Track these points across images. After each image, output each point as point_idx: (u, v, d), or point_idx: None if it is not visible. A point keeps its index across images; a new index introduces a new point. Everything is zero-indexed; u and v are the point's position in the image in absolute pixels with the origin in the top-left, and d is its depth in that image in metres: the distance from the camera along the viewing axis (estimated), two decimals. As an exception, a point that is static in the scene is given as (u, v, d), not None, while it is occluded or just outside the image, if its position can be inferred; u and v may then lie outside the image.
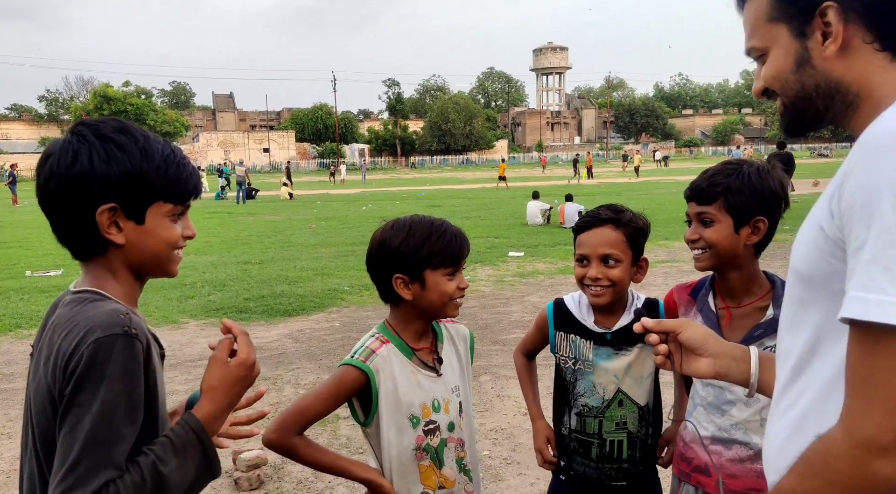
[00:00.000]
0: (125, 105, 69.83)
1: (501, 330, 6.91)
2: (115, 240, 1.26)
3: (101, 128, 1.26)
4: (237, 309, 8.07)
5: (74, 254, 1.31)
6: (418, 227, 1.79)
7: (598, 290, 2.00)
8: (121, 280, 1.30)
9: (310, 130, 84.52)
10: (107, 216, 1.24)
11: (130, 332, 1.16)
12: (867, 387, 0.86)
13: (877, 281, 0.84)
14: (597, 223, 2.03)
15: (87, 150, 1.23)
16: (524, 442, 4.32)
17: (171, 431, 1.24)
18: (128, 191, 1.25)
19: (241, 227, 17.69)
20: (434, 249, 1.75)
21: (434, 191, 32.38)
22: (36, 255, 12.76)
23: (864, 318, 0.84)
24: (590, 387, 2.05)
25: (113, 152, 1.24)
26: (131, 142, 1.26)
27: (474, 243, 13.98)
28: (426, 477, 1.80)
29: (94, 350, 1.13)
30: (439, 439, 1.82)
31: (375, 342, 1.82)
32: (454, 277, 1.79)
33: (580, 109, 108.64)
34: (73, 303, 1.24)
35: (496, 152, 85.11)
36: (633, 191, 27.43)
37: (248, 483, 3.78)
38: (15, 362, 6.28)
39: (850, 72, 1.01)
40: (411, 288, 1.78)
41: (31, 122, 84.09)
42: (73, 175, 1.22)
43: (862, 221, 0.86)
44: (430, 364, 1.85)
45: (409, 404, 1.78)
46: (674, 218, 15.90)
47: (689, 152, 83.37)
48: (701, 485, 1.96)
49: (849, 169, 0.91)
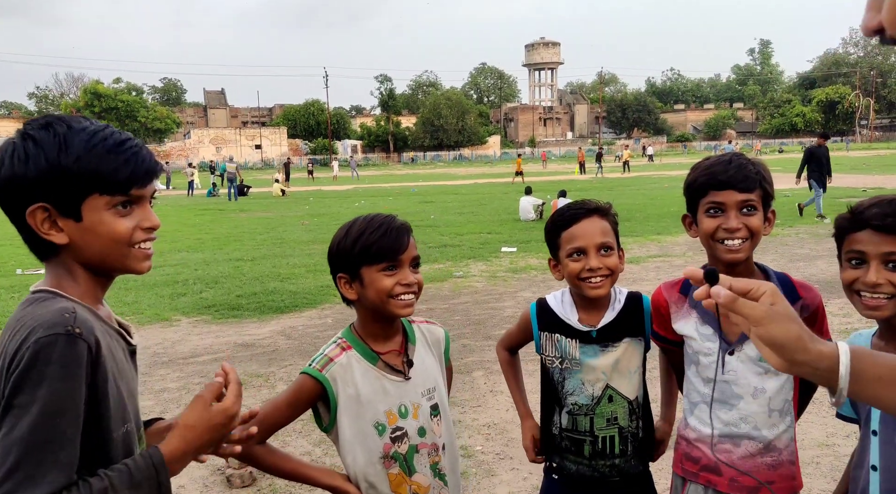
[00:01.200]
0: (116, 102, 69.56)
1: (494, 326, 6.91)
2: (55, 240, 1.21)
3: (27, 126, 1.23)
4: (229, 307, 8.05)
5: (36, 256, 1.28)
6: (357, 224, 1.74)
7: (599, 281, 1.97)
8: (78, 279, 1.26)
9: (302, 126, 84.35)
10: (39, 216, 1.19)
11: (73, 332, 1.12)
12: None
13: None
14: (584, 214, 2.01)
15: (11, 151, 1.19)
16: (517, 437, 4.31)
17: (133, 461, 1.18)
18: (52, 188, 1.18)
19: (233, 224, 17.63)
20: (367, 244, 1.69)
21: (427, 186, 32.36)
22: (27, 253, 12.52)
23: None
24: (578, 385, 2.04)
25: (30, 150, 1.18)
26: (49, 136, 1.19)
27: (467, 239, 13.87)
28: (396, 485, 1.74)
29: (34, 350, 1.09)
30: (408, 446, 1.75)
31: (335, 349, 1.77)
32: (393, 273, 1.70)
33: (572, 105, 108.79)
34: (26, 304, 1.22)
35: (489, 148, 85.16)
36: (625, 187, 27.48)
37: (241, 480, 3.78)
38: (6, 360, 6.24)
39: None
40: (353, 287, 1.74)
41: (21, 119, 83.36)
42: (2, 179, 1.20)
43: None
44: (397, 368, 1.78)
45: (373, 411, 1.72)
46: (665, 213, 15.93)
47: (682, 147, 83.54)
48: (711, 484, 1.92)
49: None
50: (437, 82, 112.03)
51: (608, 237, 1.99)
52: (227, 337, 6.91)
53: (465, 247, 12.18)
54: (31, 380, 1.08)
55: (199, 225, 16.90)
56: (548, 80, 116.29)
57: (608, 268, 1.97)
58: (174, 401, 5.14)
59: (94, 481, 1.12)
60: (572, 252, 1.99)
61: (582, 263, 1.98)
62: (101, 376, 1.17)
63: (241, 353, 6.31)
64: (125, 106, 69.44)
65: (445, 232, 14.40)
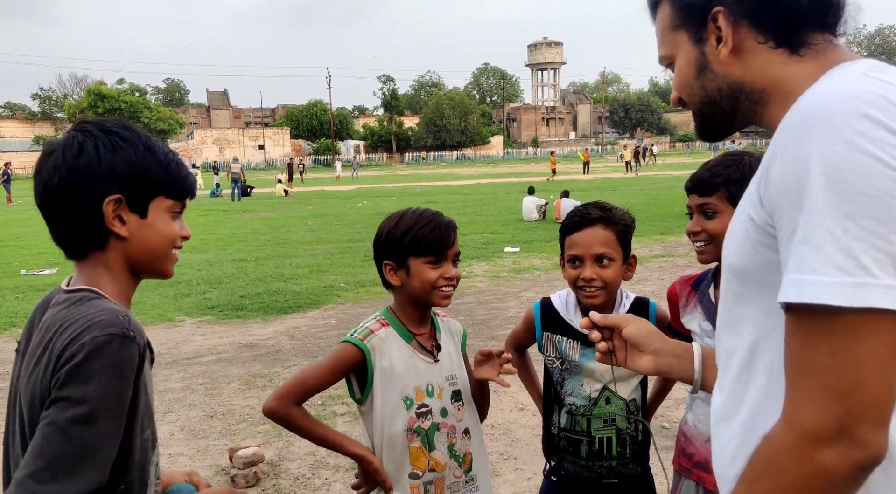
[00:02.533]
0: (119, 102, 69.60)
1: (497, 326, 6.91)
2: (119, 232, 1.26)
3: (104, 123, 1.29)
4: (233, 307, 8.07)
5: (70, 253, 1.29)
6: (407, 217, 1.87)
7: (593, 291, 1.98)
8: (117, 277, 1.29)
9: (305, 127, 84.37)
10: (112, 207, 1.24)
11: (129, 334, 1.15)
12: (806, 375, 0.82)
13: (808, 262, 0.81)
14: (587, 223, 1.99)
15: (93, 142, 1.24)
16: (520, 438, 4.33)
17: None
18: (132, 182, 1.26)
19: (236, 225, 17.66)
20: (417, 237, 1.82)
21: (430, 187, 32.36)
22: (31, 254, 12.73)
23: (797, 300, 0.81)
24: (577, 387, 2.05)
25: (118, 143, 1.26)
26: (134, 136, 1.29)
27: (470, 239, 13.89)
28: (416, 458, 1.85)
29: (90, 348, 1.11)
30: (430, 422, 1.87)
31: (376, 323, 1.89)
32: (438, 266, 1.83)
33: (575, 105, 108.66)
34: (68, 303, 1.23)
35: (491, 148, 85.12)
36: (628, 186, 27.46)
37: (245, 480, 3.78)
38: (9, 361, 6.24)
39: (750, 71, 1.01)
40: (398, 274, 1.87)
41: (25, 120, 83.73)
42: (80, 165, 1.23)
43: (793, 203, 0.83)
44: (428, 349, 1.91)
45: (403, 385, 1.84)
46: (669, 212, 15.93)
47: (685, 147, 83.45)
48: (702, 481, 1.94)
49: (774, 151, 0.89)
50: (439, 82, 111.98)
51: (607, 248, 1.97)
52: (231, 337, 6.91)
53: (469, 248, 12.17)
54: (82, 376, 1.11)
55: (203, 225, 16.92)
56: (550, 79, 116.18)
57: (602, 280, 1.97)
58: (178, 402, 5.15)
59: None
60: (571, 258, 2.02)
61: (578, 271, 1.99)
62: (142, 380, 1.20)
63: (245, 354, 6.32)
64: (128, 107, 69.41)
65: (448, 232, 14.38)
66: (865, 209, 0.79)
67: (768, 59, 1.00)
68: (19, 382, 1.25)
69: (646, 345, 1.32)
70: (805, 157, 0.83)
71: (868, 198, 0.79)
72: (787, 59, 0.99)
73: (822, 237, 0.80)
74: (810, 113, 0.85)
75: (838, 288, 0.78)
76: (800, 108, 0.88)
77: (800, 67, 0.98)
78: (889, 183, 0.79)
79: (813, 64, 0.98)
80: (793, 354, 0.84)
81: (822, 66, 0.96)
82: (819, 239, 0.80)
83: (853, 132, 0.81)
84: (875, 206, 0.79)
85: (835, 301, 0.78)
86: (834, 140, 0.81)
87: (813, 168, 0.81)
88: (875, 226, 0.79)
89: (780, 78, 0.99)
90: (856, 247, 0.79)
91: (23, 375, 1.23)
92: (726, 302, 1.04)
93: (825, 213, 0.80)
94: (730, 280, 1.02)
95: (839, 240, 0.79)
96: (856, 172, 0.80)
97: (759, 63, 1.01)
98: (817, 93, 0.88)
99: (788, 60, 0.99)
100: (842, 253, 0.79)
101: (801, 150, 0.83)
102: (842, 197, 0.80)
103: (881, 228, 0.79)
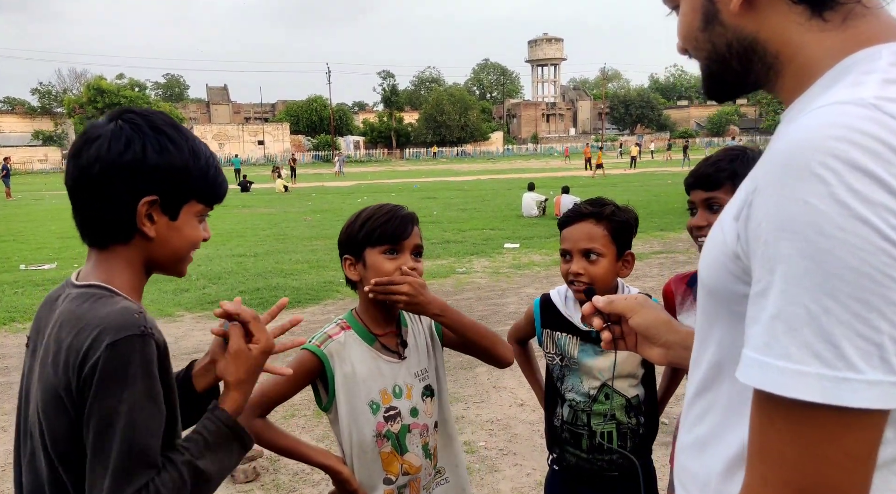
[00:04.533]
0: (119, 97, 69.58)
1: (497, 322, 6.91)
2: (148, 232, 1.25)
3: (154, 119, 1.26)
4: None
5: (91, 241, 1.27)
6: (367, 210, 1.84)
7: (581, 285, 1.98)
8: (132, 272, 1.28)
9: (304, 122, 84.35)
10: (146, 207, 1.24)
11: (147, 332, 1.15)
12: (766, 465, 0.73)
13: (781, 344, 0.69)
14: (578, 218, 2.01)
15: (141, 140, 1.22)
16: (520, 433, 4.33)
17: (204, 428, 1.26)
18: (171, 185, 1.25)
19: (235, 220, 17.65)
20: (372, 226, 1.78)
21: (430, 183, 32.35)
22: (30, 249, 12.72)
23: (766, 389, 0.70)
24: (577, 383, 2.06)
25: (166, 145, 1.24)
26: (182, 138, 1.27)
27: (470, 235, 13.88)
28: (388, 464, 1.80)
29: (112, 354, 1.11)
30: (400, 425, 1.81)
31: (335, 328, 1.84)
32: (395, 257, 1.77)
33: (575, 101, 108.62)
34: (80, 299, 1.21)
35: (491, 144, 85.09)
36: (628, 183, 27.44)
37: (244, 475, 3.78)
38: (10, 356, 6.26)
39: (765, 28, 0.85)
40: (357, 268, 1.82)
41: (24, 115, 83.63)
42: (124, 162, 1.21)
43: (766, 263, 0.72)
44: (392, 349, 1.85)
45: (368, 390, 1.79)
46: (670, 209, 15.93)
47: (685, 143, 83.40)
48: None
49: (761, 183, 0.75)
50: (439, 78, 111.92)
51: (594, 243, 1.97)
52: (231, 332, 6.91)
53: (468, 244, 12.17)
54: (115, 385, 1.11)
55: (202, 221, 16.89)
56: (551, 75, 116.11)
57: (589, 276, 1.96)
58: (178, 397, 5.15)
59: (174, 456, 1.18)
60: (562, 252, 2.05)
61: (568, 265, 2.01)
62: (168, 370, 1.22)
63: (245, 349, 6.32)
64: (128, 102, 69.16)
65: (448, 228, 14.40)
66: (853, 288, 0.66)
67: (787, 17, 0.84)
68: (30, 378, 1.25)
69: (656, 337, 1.23)
70: (787, 211, 0.70)
71: (857, 275, 0.66)
72: (807, 21, 0.83)
73: (800, 317, 0.68)
74: (797, 154, 0.71)
75: (814, 381, 0.67)
76: (788, 141, 0.73)
77: (820, 37, 0.83)
78: (883, 258, 0.66)
79: (836, 37, 0.82)
80: (756, 436, 0.74)
81: (845, 42, 0.81)
82: (795, 319, 0.68)
83: (847, 191, 0.67)
84: (864, 286, 0.66)
85: (810, 396, 0.67)
86: (822, 198, 0.68)
87: (794, 228, 0.69)
88: (862, 309, 0.66)
89: (796, 45, 0.84)
90: (838, 333, 0.66)
91: (35, 371, 1.23)
92: (699, 311, 0.97)
93: (805, 287, 0.68)
94: (702, 292, 0.94)
95: (819, 322, 0.67)
96: (845, 242, 0.66)
97: (775, 19, 0.85)
98: (808, 128, 0.72)
99: (809, 23, 0.83)
100: (820, 338, 0.67)
101: (784, 201, 0.70)
102: (826, 270, 0.67)
103: (869, 313, 0.66)
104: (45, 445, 1.19)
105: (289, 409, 4.40)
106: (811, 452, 0.69)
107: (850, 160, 0.68)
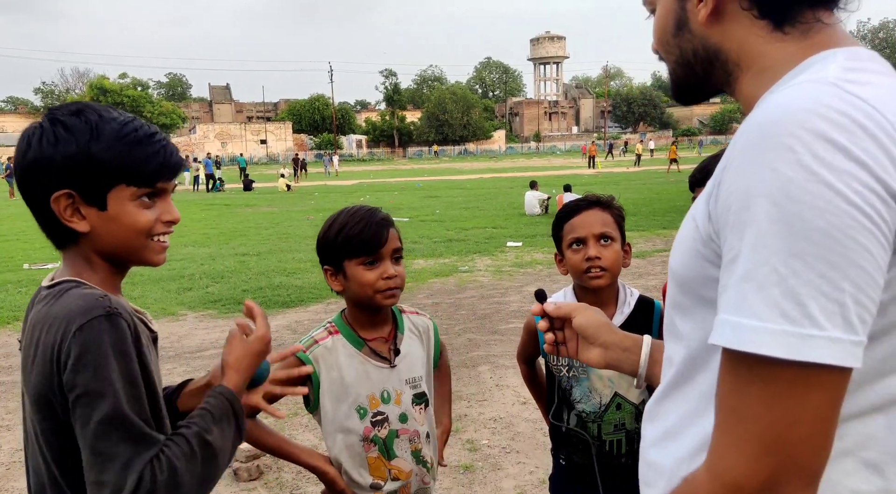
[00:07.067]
0: (122, 97, 69.68)
1: (500, 320, 6.91)
2: (77, 227, 1.20)
3: (56, 111, 1.21)
4: (235, 301, 8.07)
5: (53, 244, 1.27)
6: (341, 217, 1.80)
7: (598, 271, 1.96)
8: (96, 269, 1.25)
9: (307, 121, 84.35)
10: (63, 203, 1.18)
11: (113, 311, 1.13)
12: (736, 423, 0.75)
13: (750, 303, 0.72)
14: (586, 206, 2.03)
15: (39, 135, 1.18)
16: (523, 431, 4.33)
17: (209, 403, 1.26)
18: (80, 175, 1.17)
19: (238, 219, 17.66)
20: (347, 238, 1.75)
21: (432, 181, 32.34)
22: (34, 248, 12.74)
23: (735, 347, 0.73)
24: (586, 394, 2.03)
25: (60, 134, 1.17)
26: (81, 122, 1.18)
27: (473, 233, 13.86)
28: (375, 468, 1.79)
29: (82, 338, 1.10)
30: (388, 430, 1.80)
31: (323, 332, 1.83)
32: (375, 267, 1.75)
33: (578, 99, 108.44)
34: (49, 298, 1.21)
35: (494, 142, 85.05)
36: (630, 181, 27.41)
37: (248, 473, 3.79)
38: (13, 354, 6.28)
39: (729, 39, 0.91)
40: (338, 279, 1.80)
41: (28, 115, 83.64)
42: (28, 162, 1.18)
43: (736, 229, 0.74)
44: (383, 354, 1.83)
45: (356, 394, 1.78)
46: (671, 207, 15.89)
47: (687, 141, 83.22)
48: None
49: (727, 163, 0.79)
50: (441, 77, 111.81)
51: (608, 227, 1.98)
52: (234, 331, 6.92)
53: (471, 242, 12.17)
54: (87, 368, 1.10)
55: (205, 220, 16.94)
56: (553, 74, 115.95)
57: (606, 260, 1.96)
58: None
59: (184, 431, 1.19)
60: (572, 242, 2.00)
61: (582, 253, 1.97)
62: (143, 350, 1.20)
63: (248, 348, 6.32)
64: (131, 101, 69.42)
65: (451, 226, 14.40)
66: (819, 249, 0.69)
67: (749, 30, 0.90)
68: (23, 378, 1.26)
69: (595, 337, 1.26)
70: (756, 179, 0.73)
71: (823, 236, 0.69)
72: (768, 34, 0.89)
73: (768, 277, 0.71)
74: (766, 127, 0.75)
75: (781, 338, 0.70)
76: (756, 118, 0.77)
77: (780, 46, 0.88)
78: (847, 220, 0.69)
79: (795, 46, 0.88)
80: (724, 396, 0.77)
81: (804, 49, 0.87)
82: (764, 278, 0.71)
83: (813, 158, 0.71)
84: (830, 247, 0.69)
85: (776, 352, 0.70)
86: (790, 165, 0.71)
87: (763, 193, 0.72)
88: (827, 269, 0.69)
89: (757, 54, 0.90)
90: (803, 293, 0.70)
91: (24, 374, 1.23)
92: (669, 307, 0.98)
93: (773, 249, 0.71)
94: (672, 287, 0.95)
95: (786, 282, 0.70)
96: (812, 206, 0.70)
97: (739, 32, 0.90)
98: (777, 104, 0.77)
99: (769, 37, 0.89)
100: (788, 297, 0.70)
101: (753, 170, 0.74)
102: (793, 232, 0.70)
103: (833, 272, 0.69)
104: (41, 448, 1.20)
105: (291, 407, 4.41)
106: (777, 408, 0.72)
107: (817, 130, 0.72)
